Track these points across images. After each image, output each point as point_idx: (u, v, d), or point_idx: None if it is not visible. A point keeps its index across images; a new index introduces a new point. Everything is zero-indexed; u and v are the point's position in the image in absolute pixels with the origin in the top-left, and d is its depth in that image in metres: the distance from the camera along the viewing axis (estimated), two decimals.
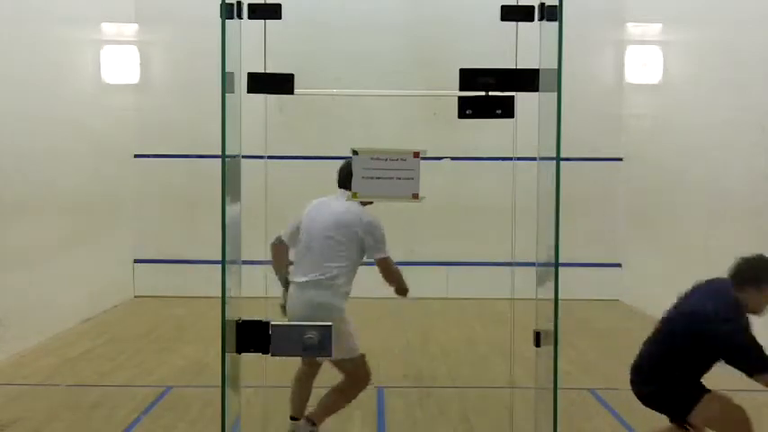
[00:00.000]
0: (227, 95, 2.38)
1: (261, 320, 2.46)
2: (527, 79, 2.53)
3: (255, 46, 2.69)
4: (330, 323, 2.45)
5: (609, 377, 6.47)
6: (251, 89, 2.58)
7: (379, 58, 9.63)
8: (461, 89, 2.53)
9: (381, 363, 7.02)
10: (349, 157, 2.63)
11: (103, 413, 5.50)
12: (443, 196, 9.45)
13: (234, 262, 2.49)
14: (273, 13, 2.52)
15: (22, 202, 7.26)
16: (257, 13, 2.50)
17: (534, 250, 2.67)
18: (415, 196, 2.61)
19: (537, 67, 2.51)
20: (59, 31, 8.48)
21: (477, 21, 8.16)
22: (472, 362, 7.05)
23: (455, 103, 2.55)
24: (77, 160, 8.59)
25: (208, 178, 5.71)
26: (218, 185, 2.39)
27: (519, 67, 2.57)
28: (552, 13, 2.40)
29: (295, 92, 2.60)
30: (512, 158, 4.04)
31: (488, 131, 4.24)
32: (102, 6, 9.64)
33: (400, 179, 2.61)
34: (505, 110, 2.55)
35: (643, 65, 9.92)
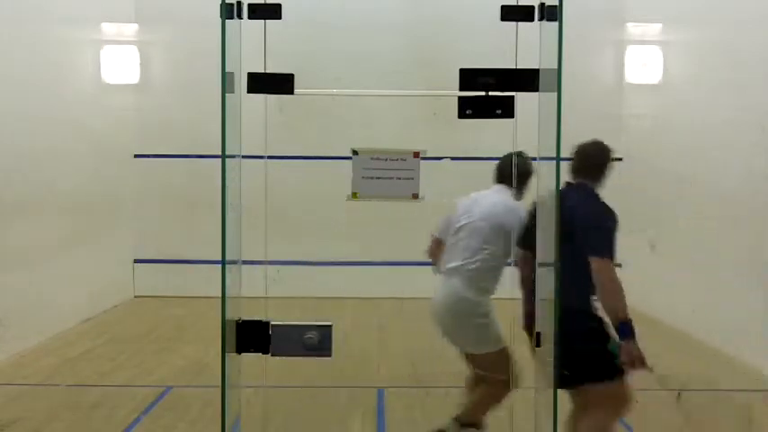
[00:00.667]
0: (227, 95, 2.39)
1: (261, 320, 2.47)
2: (527, 79, 2.54)
3: (255, 46, 2.69)
4: (330, 323, 2.45)
5: None
6: (251, 89, 2.58)
7: (379, 58, 9.62)
8: (461, 89, 2.53)
9: (381, 363, 7.03)
10: (495, 158, 2.57)
11: (103, 413, 5.50)
12: (443, 196, 9.44)
13: (234, 262, 2.49)
14: (273, 13, 2.52)
15: (22, 202, 7.26)
16: (257, 13, 2.51)
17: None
18: (415, 196, 2.61)
19: (537, 67, 2.51)
20: (59, 31, 8.48)
21: (477, 21, 8.14)
22: None
23: (455, 103, 2.55)
24: (77, 160, 8.59)
25: (208, 178, 5.70)
26: (218, 185, 2.39)
27: (519, 67, 2.57)
28: (552, 13, 2.41)
29: (295, 92, 2.60)
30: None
31: (488, 131, 4.23)
32: (102, 6, 9.64)
33: (400, 179, 2.61)
34: (505, 110, 2.55)
35: (643, 65, 9.92)
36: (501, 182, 4.65)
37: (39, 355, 7.05)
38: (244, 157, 2.55)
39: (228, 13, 2.39)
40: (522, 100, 2.58)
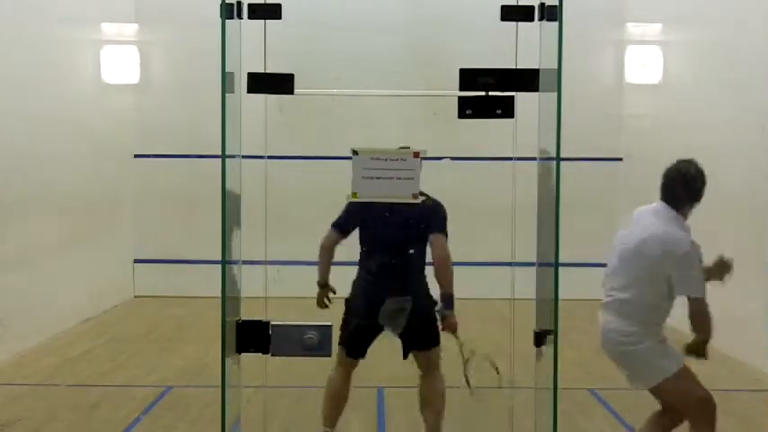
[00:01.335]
0: (227, 95, 2.39)
1: (261, 320, 2.47)
2: (527, 79, 2.53)
3: (255, 46, 2.69)
4: (330, 323, 2.45)
5: (609, 377, 6.46)
6: (251, 89, 2.58)
7: (379, 58, 9.62)
8: (461, 89, 2.53)
9: (381, 363, 7.02)
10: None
11: (103, 413, 5.50)
12: (443, 196, 9.44)
13: (234, 262, 2.49)
14: (273, 13, 2.52)
15: (22, 202, 7.26)
16: (257, 13, 2.51)
17: (534, 250, 2.67)
18: (415, 196, 2.61)
19: (537, 67, 2.51)
20: (59, 31, 8.48)
21: (477, 21, 8.13)
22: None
23: (455, 103, 2.55)
24: (77, 160, 8.59)
25: (208, 178, 5.70)
26: (218, 185, 2.39)
27: (519, 67, 2.57)
28: (552, 13, 2.41)
29: (295, 92, 2.60)
30: (512, 158, 4.03)
31: (488, 131, 4.23)
32: (102, 6, 9.64)
33: (400, 179, 2.61)
34: (505, 110, 2.55)
35: (643, 65, 9.92)
36: (666, 200, 4.23)
37: (39, 355, 7.05)
38: (244, 157, 2.55)
39: (228, 13, 2.39)
40: (522, 100, 2.57)
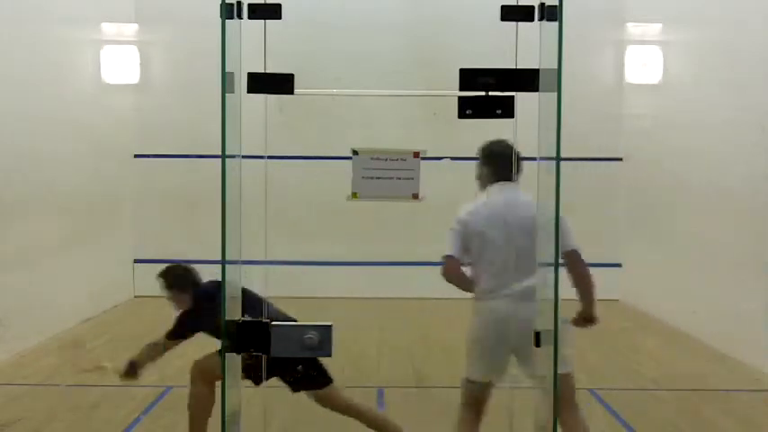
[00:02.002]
0: (227, 95, 2.38)
1: (261, 320, 2.46)
2: (527, 79, 2.53)
3: (255, 46, 2.69)
4: (330, 323, 2.45)
5: (609, 377, 6.47)
6: (251, 89, 2.58)
7: (379, 58, 9.63)
8: (461, 89, 2.53)
9: (381, 363, 7.03)
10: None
11: (103, 413, 5.50)
12: (443, 196, 9.44)
13: (234, 262, 2.49)
14: (273, 13, 2.51)
15: (22, 202, 7.26)
16: (257, 13, 2.50)
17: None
18: (415, 196, 2.61)
19: (537, 67, 2.50)
20: (59, 31, 8.49)
21: (477, 21, 8.16)
22: None
23: (455, 103, 2.55)
24: (77, 160, 8.59)
25: (208, 178, 5.70)
26: (218, 185, 2.39)
27: (519, 67, 2.57)
28: (552, 13, 2.40)
29: (295, 92, 2.60)
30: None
31: (488, 131, 4.22)
32: (102, 6, 9.64)
33: (400, 179, 2.61)
34: (505, 110, 2.54)
35: (643, 65, 9.93)
36: (505, 178, 4.22)
37: (39, 355, 7.05)
38: (244, 157, 2.54)
39: (228, 13, 2.39)
40: (522, 100, 2.57)
